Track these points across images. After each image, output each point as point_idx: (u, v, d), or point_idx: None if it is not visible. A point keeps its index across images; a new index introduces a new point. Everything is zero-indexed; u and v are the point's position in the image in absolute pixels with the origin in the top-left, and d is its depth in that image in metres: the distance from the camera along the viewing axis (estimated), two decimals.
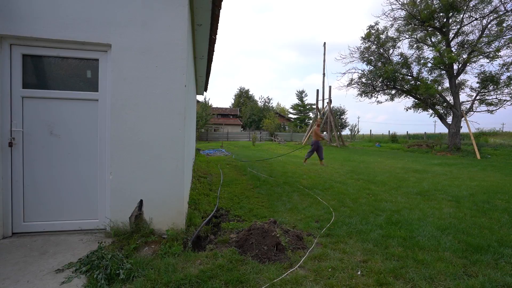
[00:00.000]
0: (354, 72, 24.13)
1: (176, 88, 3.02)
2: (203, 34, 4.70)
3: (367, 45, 21.36)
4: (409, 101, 25.32)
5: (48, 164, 2.94)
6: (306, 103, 55.72)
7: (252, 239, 2.76)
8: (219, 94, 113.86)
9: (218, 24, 4.39)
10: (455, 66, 18.06)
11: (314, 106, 37.98)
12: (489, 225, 3.63)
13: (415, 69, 20.36)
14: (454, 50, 17.72)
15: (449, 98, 18.77)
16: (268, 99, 57.13)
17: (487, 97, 18.06)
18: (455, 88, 17.93)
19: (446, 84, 18.97)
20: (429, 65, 19.28)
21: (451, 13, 17.00)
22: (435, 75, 19.68)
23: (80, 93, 2.99)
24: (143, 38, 2.93)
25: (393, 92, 21.80)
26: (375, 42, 20.83)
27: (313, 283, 2.18)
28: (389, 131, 36.50)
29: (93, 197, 3.06)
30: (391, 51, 20.92)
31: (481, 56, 16.87)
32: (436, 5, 17.10)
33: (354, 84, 22.60)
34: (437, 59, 17.27)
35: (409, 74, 20.42)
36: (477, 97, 18.23)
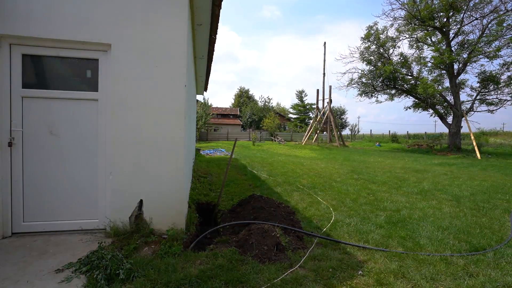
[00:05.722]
0: (354, 72, 24.18)
1: (176, 88, 3.01)
2: (203, 34, 4.69)
3: (366, 45, 21.37)
4: (409, 100, 25.31)
5: (48, 164, 2.94)
6: (306, 103, 55.70)
7: (252, 239, 2.75)
8: (219, 94, 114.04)
9: (218, 24, 4.38)
10: (455, 66, 18.07)
11: (314, 106, 37.93)
12: (489, 225, 3.63)
13: (415, 69, 20.40)
14: (454, 50, 17.71)
15: (450, 98, 18.76)
16: (268, 99, 57.19)
17: (488, 97, 18.11)
18: (456, 88, 17.92)
19: (447, 83, 18.97)
20: (429, 64, 19.28)
21: (451, 13, 16.99)
22: (435, 74, 19.69)
23: (80, 93, 2.99)
24: (143, 38, 2.93)
25: (393, 91, 21.81)
26: (375, 42, 20.83)
27: (313, 283, 2.17)
28: (389, 131, 36.52)
29: (93, 197, 3.05)
30: (391, 51, 20.95)
31: (481, 56, 16.87)
32: (435, 5, 17.09)
33: (354, 84, 22.62)
34: (437, 58, 17.27)
35: (409, 74, 20.42)
36: (478, 97, 18.25)
